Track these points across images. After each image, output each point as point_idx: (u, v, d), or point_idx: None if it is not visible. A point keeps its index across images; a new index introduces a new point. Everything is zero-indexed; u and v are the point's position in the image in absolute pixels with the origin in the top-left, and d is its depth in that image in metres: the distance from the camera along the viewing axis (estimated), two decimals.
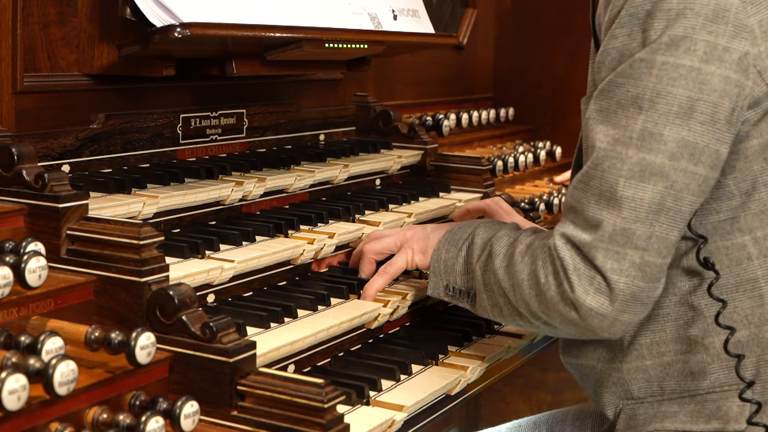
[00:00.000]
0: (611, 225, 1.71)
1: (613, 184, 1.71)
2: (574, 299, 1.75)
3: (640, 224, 1.70)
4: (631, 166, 1.70)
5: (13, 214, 1.77)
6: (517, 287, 1.86)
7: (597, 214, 1.73)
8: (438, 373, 2.03)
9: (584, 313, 1.75)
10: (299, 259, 2.17)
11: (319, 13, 2.44)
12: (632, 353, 1.90)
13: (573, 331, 1.82)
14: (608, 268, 1.71)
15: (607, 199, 1.72)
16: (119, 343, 1.56)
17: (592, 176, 1.74)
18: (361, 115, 3.03)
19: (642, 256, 1.71)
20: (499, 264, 1.91)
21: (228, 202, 2.24)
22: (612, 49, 1.74)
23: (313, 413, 1.58)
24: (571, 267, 1.75)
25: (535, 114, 4.09)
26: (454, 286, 2.01)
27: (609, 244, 1.71)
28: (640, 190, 1.69)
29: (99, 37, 2.14)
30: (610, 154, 1.72)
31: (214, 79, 2.43)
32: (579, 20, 3.99)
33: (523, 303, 1.86)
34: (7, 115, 2.00)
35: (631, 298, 1.73)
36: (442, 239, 2.06)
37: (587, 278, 1.73)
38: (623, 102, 1.71)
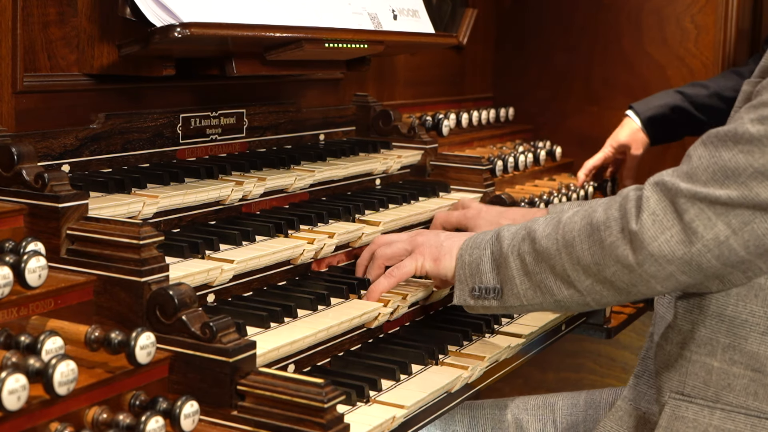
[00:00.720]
0: (716, 195, 1.72)
1: (741, 167, 1.72)
2: (638, 239, 1.75)
3: (744, 209, 1.71)
4: (766, 162, 1.70)
5: (13, 213, 1.77)
6: (567, 246, 1.86)
7: (708, 180, 1.73)
8: (438, 373, 2.02)
9: (643, 257, 1.76)
10: (299, 259, 2.17)
11: (319, 13, 2.44)
12: (706, 347, 1.88)
13: (624, 280, 1.81)
14: (693, 227, 1.72)
15: (727, 175, 1.72)
16: (119, 343, 1.56)
17: (727, 147, 1.74)
18: (361, 115, 3.03)
19: (728, 236, 1.72)
20: (541, 234, 1.91)
21: (228, 202, 2.24)
22: None
23: (313, 413, 1.58)
24: (651, 209, 1.76)
25: (535, 114, 4.10)
26: (480, 285, 2.01)
27: (706, 207, 1.72)
28: (763, 187, 1.70)
29: (99, 37, 2.14)
30: (754, 140, 1.71)
31: (214, 79, 2.43)
32: (579, 20, 4.00)
33: (572, 262, 1.86)
34: (7, 115, 2.00)
35: (697, 266, 1.74)
36: (464, 246, 2.06)
37: (662, 225, 1.75)
38: None
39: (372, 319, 2.11)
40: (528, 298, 1.95)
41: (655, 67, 3.86)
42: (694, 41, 3.76)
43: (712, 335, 1.87)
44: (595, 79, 3.99)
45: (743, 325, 1.84)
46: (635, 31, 3.88)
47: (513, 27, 4.13)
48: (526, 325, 2.37)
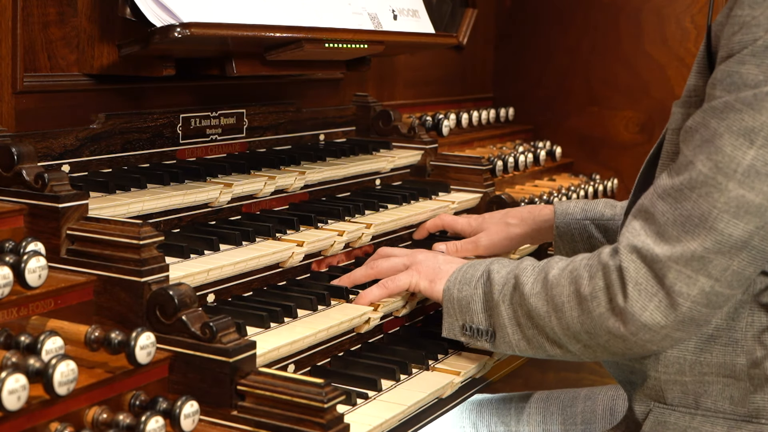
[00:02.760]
0: (691, 250, 1.69)
1: (705, 212, 1.68)
2: (628, 314, 1.74)
3: (720, 256, 1.68)
4: (729, 200, 1.67)
5: (13, 214, 1.77)
6: (556, 311, 1.84)
7: (680, 235, 1.70)
8: (438, 373, 2.02)
9: (636, 328, 1.74)
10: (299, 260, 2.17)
11: (319, 13, 2.44)
12: (674, 366, 1.88)
13: (619, 347, 1.80)
14: (676, 290, 1.70)
15: (695, 224, 1.69)
16: (119, 343, 1.56)
17: (686, 197, 1.71)
18: (361, 115, 3.03)
19: (713, 285, 1.70)
20: (530, 291, 1.89)
21: (228, 202, 2.24)
22: (736, 73, 1.67)
23: (313, 413, 1.58)
24: (633, 280, 1.74)
25: (535, 114, 4.09)
26: (471, 325, 1.99)
27: (683, 267, 1.70)
28: (731, 226, 1.67)
29: (99, 37, 2.14)
30: (710, 182, 1.68)
31: (214, 79, 2.43)
32: (579, 20, 4.00)
33: (561, 327, 1.85)
34: (7, 115, 2.00)
35: (690, 320, 1.73)
36: (451, 278, 2.03)
37: (648, 294, 1.73)
38: (735, 130, 1.66)
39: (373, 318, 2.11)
40: (521, 349, 1.94)
41: (655, 67, 3.86)
42: (694, 41, 3.76)
43: (678, 354, 1.87)
44: (595, 79, 3.98)
45: (708, 342, 1.85)
46: (635, 31, 3.88)
47: (513, 27, 4.13)
48: None
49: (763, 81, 1.64)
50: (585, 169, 4.00)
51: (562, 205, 2.43)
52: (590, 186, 3.60)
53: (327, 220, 2.35)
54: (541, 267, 1.92)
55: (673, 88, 3.84)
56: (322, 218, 2.34)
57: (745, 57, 1.66)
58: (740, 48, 1.68)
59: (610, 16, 3.93)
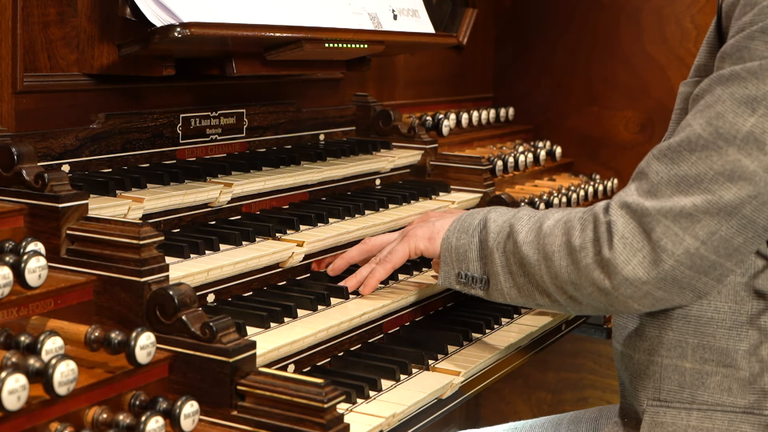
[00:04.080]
0: (681, 206, 1.71)
1: (701, 173, 1.70)
2: (612, 266, 1.75)
3: (709, 218, 1.70)
4: (725, 163, 1.69)
5: (13, 213, 1.77)
6: (546, 259, 1.86)
7: (672, 193, 1.72)
8: (438, 373, 2.02)
9: (618, 282, 1.76)
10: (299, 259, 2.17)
11: (319, 13, 2.44)
12: (676, 350, 1.88)
13: (601, 302, 1.82)
14: (662, 245, 1.72)
15: (689, 184, 1.72)
16: (119, 343, 1.56)
17: (684, 158, 1.73)
18: (361, 115, 3.03)
19: (698, 248, 1.71)
20: (523, 239, 1.90)
21: (228, 202, 2.24)
22: (745, 47, 1.71)
23: (313, 413, 1.58)
24: (620, 233, 1.75)
25: (535, 114, 4.10)
26: (467, 273, 2.00)
27: (671, 223, 1.71)
28: (724, 189, 1.69)
29: (99, 37, 2.14)
30: (710, 146, 1.71)
31: (214, 79, 2.43)
32: (579, 20, 4.00)
33: (550, 276, 1.86)
34: (7, 115, 2.00)
35: (672, 280, 1.74)
36: (451, 227, 2.05)
37: (632, 248, 1.74)
38: (738, 97, 1.69)
39: (372, 319, 2.11)
40: (512, 297, 1.96)
41: (655, 67, 3.86)
42: (694, 41, 3.76)
43: (680, 337, 1.87)
44: (595, 79, 3.99)
45: (710, 323, 1.85)
46: (635, 31, 3.88)
47: (513, 27, 4.13)
48: (526, 325, 2.37)
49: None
50: (585, 169, 4.00)
51: None
52: (590, 186, 3.60)
53: (327, 219, 2.35)
54: (538, 217, 1.94)
55: (673, 88, 3.83)
56: (322, 218, 2.34)
57: (755, 33, 1.70)
58: (751, 25, 1.71)
59: (610, 16, 3.93)
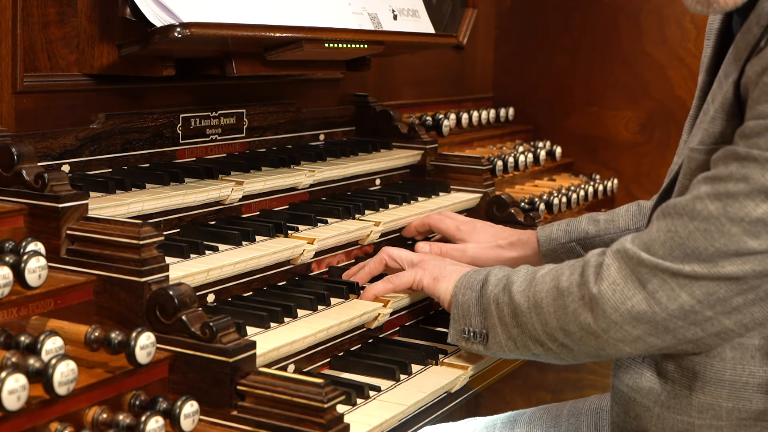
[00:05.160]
0: (678, 269, 1.67)
1: (701, 246, 1.66)
2: (601, 308, 1.73)
3: (708, 282, 1.66)
4: (729, 243, 1.64)
5: (13, 214, 1.77)
6: (536, 307, 1.84)
7: (669, 253, 1.68)
8: (438, 373, 2.02)
9: (607, 325, 1.73)
10: (299, 259, 2.17)
11: (319, 13, 2.44)
12: (709, 412, 1.80)
13: (592, 346, 1.79)
14: (656, 298, 1.69)
15: (686, 253, 1.67)
16: (119, 343, 1.56)
17: (684, 224, 1.68)
18: (361, 115, 3.03)
19: (694, 306, 1.68)
20: (516, 289, 1.89)
21: (228, 202, 2.24)
22: (763, 135, 1.63)
23: (313, 413, 1.58)
24: (611, 278, 1.73)
25: (535, 114, 4.09)
26: (469, 328, 1.98)
27: (669, 278, 1.68)
28: (727, 262, 1.65)
29: (99, 37, 2.14)
30: (713, 221, 1.65)
31: (214, 79, 2.43)
32: (579, 20, 4.00)
33: (540, 324, 1.84)
34: (7, 115, 2.00)
35: (664, 329, 1.71)
36: (458, 284, 2.03)
37: (623, 295, 1.71)
38: (753, 181, 1.63)
39: (372, 319, 2.11)
40: (509, 349, 1.94)
41: (655, 67, 3.86)
42: (694, 41, 3.76)
43: (713, 401, 1.80)
44: (595, 79, 3.98)
45: (745, 388, 1.78)
46: (635, 31, 3.88)
47: (513, 27, 4.13)
48: None
49: None
50: (585, 169, 4.00)
51: (545, 230, 2.38)
52: (590, 186, 3.60)
53: (327, 220, 2.35)
54: (534, 269, 1.92)
55: (672, 88, 3.84)
56: (322, 218, 2.34)
57: None
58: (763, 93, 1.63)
59: (610, 16, 3.93)
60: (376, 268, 2.24)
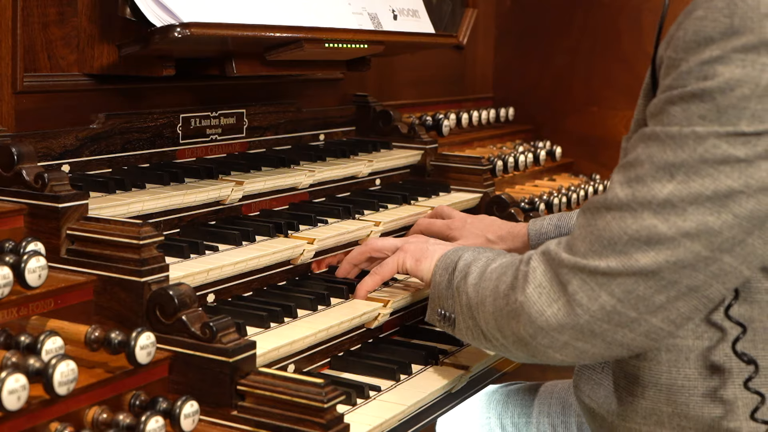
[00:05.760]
0: (594, 266, 1.63)
1: (616, 236, 1.62)
2: (525, 315, 1.69)
3: (626, 278, 1.61)
4: (640, 228, 1.60)
5: (13, 214, 1.77)
6: (480, 304, 1.82)
7: (587, 250, 1.65)
8: (438, 373, 2.03)
9: (534, 331, 1.69)
10: (299, 259, 2.17)
11: (319, 13, 2.44)
12: (652, 418, 1.77)
13: (524, 354, 1.75)
14: (577, 300, 1.64)
15: (602, 245, 1.63)
16: (119, 343, 1.56)
17: (601, 216, 1.65)
18: (361, 115, 3.03)
19: (615, 305, 1.62)
20: (471, 281, 1.87)
21: (228, 202, 2.24)
22: (664, 111, 1.63)
23: (313, 413, 1.59)
24: (537, 281, 1.69)
25: (535, 114, 4.09)
26: (441, 310, 1.97)
27: (588, 278, 1.63)
28: (640, 252, 1.60)
29: (99, 37, 2.14)
30: (624, 207, 1.62)
31: (214, 79, 2.43)
32: (579, 20, 4.00)
33: (485, 321, 1.81)
34: (7, 115, 2.00)
35: (590, 333, 1.66)
36: (438, 263, 2.01)
37: (548, 299, 1.67)
38: (657, 161, 1.60)
39: (372, 319, 2.11)
40: (469, 338, 1.91)
41: None
42: None
43: (654, 406, 1.76)
44: (595, 79, 3.98)
45: (681, 392, 1.73)
46: (635, 31, 3.88)
47: (513, 27, 4.13)
48: None
49: (687, 123, 1.59)
50: (585, 169, 4.00)
51: (536, 224, 2.38)
52: (590, 186, 3.60)
53: (327, 220, 2.35)
54: (490, 260, 1.89)
55: None
56: (322, 218, 2.34)
57: (674, 98, 1.62)
58: (670, 89, 1.63)
59: (610, 16, 3.93)
60: (359, 259, 2.23)
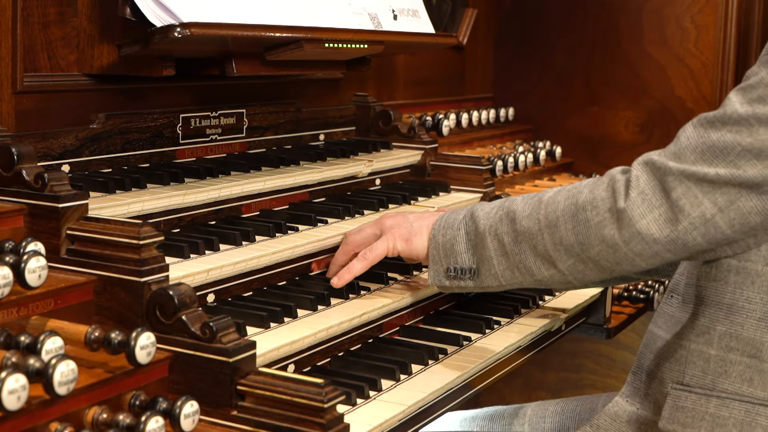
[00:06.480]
0: (704, 173, 1.73)
1: (729, 146, 1.73)
2: (626, 218, 1.77)
3: (730, 187, 1.72)
4: (755, 141, 1.71)
5: (13, 214, 1.77)
6: (549, 227, 1.88)
7: (697, 158, 1.75)
8: (438, 373, 2.02)
9: (630, 235, 1.78)
10: (299, 259, 2.17)
11: (319, 13, 2.44)
12: (704, 336, 1.89)
13: (609, 259, 1.83)
14: (680, 206, 1.75)
15: (714, 154, 1.74)
16: (119, 343, 1.56)
17: (715, 128, 1.75)
18: (361, 115, 3.03)
19: (715, 215, 1.74)
20: (521, 214, 1.93)
21: (228, 202, 2.24)
22: None
23: (313, 413, 1.59)
24: (640, 187, 1.77)
25: (535, 114, 4.10)
26: (455, 266, 2.02)
27: (693, 184, 1.74)
28: (749, 164, 1.71)
29: (99, 37, 2.14)
30: (742, 121, 1.73)
31: (214, 79, 2.43)
32: (579, 20, 4.00)
33: (554, 242, 1.87)
34: (7, 115, 2.00)
35: (683, 243, 1.76)
36: (436, 226, 2.06)
37: (650, 204, 1.77)
38: None
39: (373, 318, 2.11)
40: (506, 278, 1.98)
41: (655, 67, 3.86)
42: (694, 41, 3.76)
43: (710, 324, 1.89)
44: (595, 79, 3.99)
45: (740, 312, 1.86)
46: (635, 31, 3.88)
47: (513, 27, 4.13)
48: (526, 325, 2.37)
49: None
50: (585, 169, 4.00)
51: None
52: None
53: (327, 220, 2.35)
54: (533, 195, 1.96)
55: (673, 88, 3.84)
56: (322, 218, 2.34)
57: None
58: None
59: (610, 16, 3.93)
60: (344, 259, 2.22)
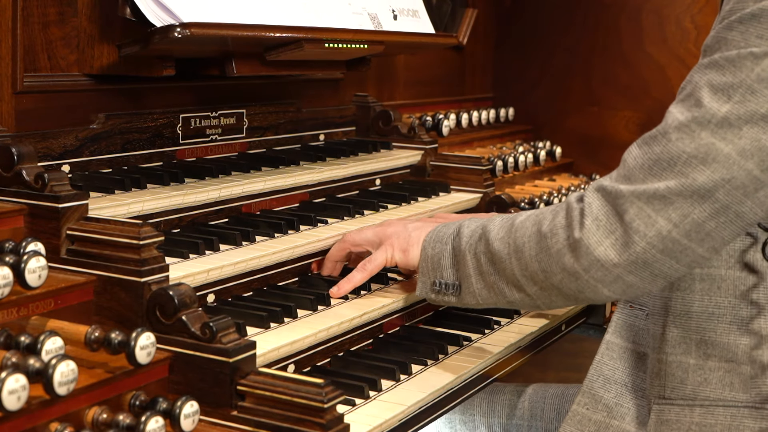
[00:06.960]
0: (654, 189, 1.71)
1: (674, 156, 1.71)
2: (583, 246, 1.76)
3: (682, 200, 1.70)
4: (698, 146, 1.69)
5: (13, 214, 1.77)
6: (516, 252, 1.88)
7: (645, 177, 1.73)
8: (438, 373, 2.02)
9: (589, 263, 1.77)
10: (299, 259, 2.17)
11: (319, 13, 2.44)
12: (680, 346, 1.90)
13: (571, 288, 1.83)
14: (634, 227, 1.72)
15: (662, 167, 1.72)
16: (119, 343, 1.56)
17: (658, 141, 1.74)
18: (361, 115, 3.03)
19: (671, 231, 1.71)
20: (494, 237, 1.93)
21: (228, 202, 2.24)
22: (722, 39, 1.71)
23: (313, 413, 1.59)
24: (593, 215, 1.76)
25: (535, 114, 4.09)
26: (440, 281, 2.03)
27: (644, 204, 1.72)
28: (697, 171, 1.69)
29: (99, 37, 2.14)
30: (683, 128, 1.71)
31: (214, 79, 2.43)
32: (579, 20, 4.00)
33: (520, 268, 1.87)
34: (7, 115, 2.00)
35: (643, 264, 1.74)
36: (427, 238, 2.07)
37: (606, 230, 1.75)
38: (715, 84, 1.70)
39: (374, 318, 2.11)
40: (483, 297, 1.98)
41: (655, 67, 3.86)
42: (694, 41, 3.76)
43: (684, 334, 1.89)
44: (595, 79, 3.99)
45: (711, 319, 1.87)
46: (635, 31, 3.88)
47: (513, 27, 4.13)
48: (525, 326, 2.37)
49: (744, 45, 1.68)
50: (585, 169, 4.00)
51: None
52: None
53: (327, 220, 2.35)
54: (510, 217, 1.97)
55: (673, 88, 3.83)
56: (322, 218, 2.34)
57: (733, 23, 1.70)
58: (730, 14, 1.72)
59: (610, 16, 3.93)
60: (339, 255, 2.23)
